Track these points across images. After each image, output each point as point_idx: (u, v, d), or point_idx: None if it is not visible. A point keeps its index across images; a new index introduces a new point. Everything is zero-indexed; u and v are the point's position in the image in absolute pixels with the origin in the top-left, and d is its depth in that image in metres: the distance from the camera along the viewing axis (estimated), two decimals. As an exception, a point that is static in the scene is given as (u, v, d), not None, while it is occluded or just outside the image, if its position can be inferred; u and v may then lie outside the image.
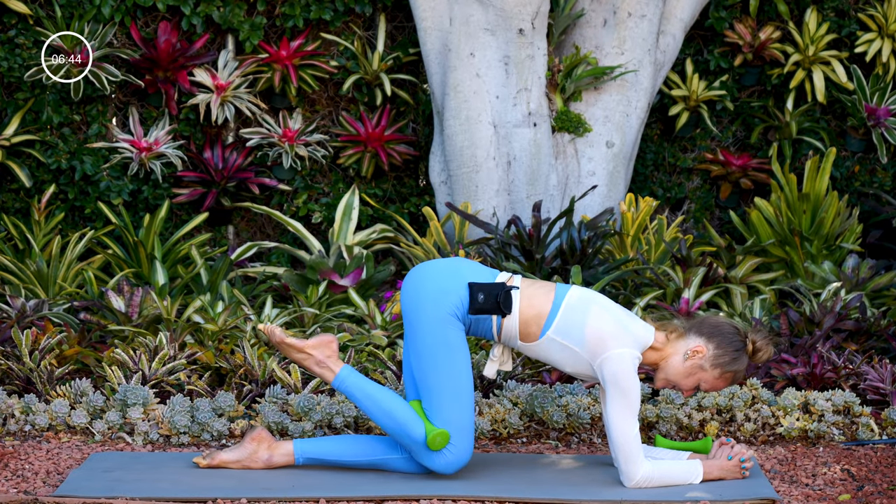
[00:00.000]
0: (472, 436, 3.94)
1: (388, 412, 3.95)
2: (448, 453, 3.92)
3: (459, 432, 3.91)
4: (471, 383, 3.93)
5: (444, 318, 3.90)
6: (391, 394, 3.98)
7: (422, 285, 3.95)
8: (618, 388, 3.84)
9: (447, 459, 3.93)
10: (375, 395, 3.98)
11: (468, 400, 3.92)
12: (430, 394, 3.92)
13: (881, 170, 6.74)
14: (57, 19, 6.30)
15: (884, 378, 4.76)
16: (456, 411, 3.90)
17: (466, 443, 3.92)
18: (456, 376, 3.90)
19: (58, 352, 4.96)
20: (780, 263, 6.13)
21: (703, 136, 6.78)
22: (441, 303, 3.90)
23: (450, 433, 3.90)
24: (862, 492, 3.93)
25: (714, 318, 4.02)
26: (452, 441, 3.91)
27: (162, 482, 3.90)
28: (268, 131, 6.47)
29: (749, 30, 6.66)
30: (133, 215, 6.42)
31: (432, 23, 6.20)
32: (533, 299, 3.94)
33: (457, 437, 3.91)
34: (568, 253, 5.80)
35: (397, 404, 3.95)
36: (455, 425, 3.91)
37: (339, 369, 4.02)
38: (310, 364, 4.04)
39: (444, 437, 3.89)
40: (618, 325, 3.90)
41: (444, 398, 3.90)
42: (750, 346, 3.98)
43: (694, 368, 3.96)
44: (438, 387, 3.90)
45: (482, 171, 6.13)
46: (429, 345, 3.90)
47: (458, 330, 3.92)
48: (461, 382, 3.91)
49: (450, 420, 3.90)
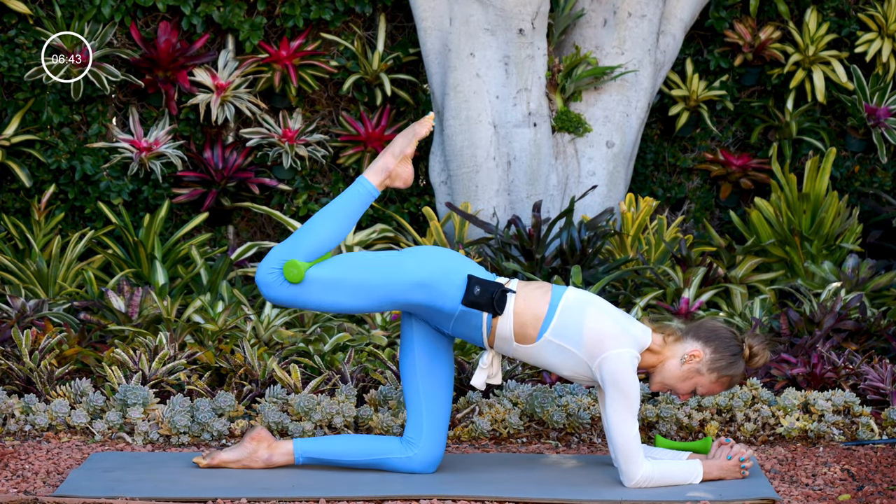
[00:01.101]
0: (294, 301, 3.93)
1: (323, 225, 3.95)
2: (276, 279, 3.90)
3: (303, 290, 3.90)
4: (348, 305, 3.91)
5: (420, 287, 3.89)
6: (344, 231, 3.98)
7: (429, 257, 3.94)
8: (617, 389, 3.84)
9: (270, 278, 3.89)
10: (344, 213, 3.99)
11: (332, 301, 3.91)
12: (339, 264, 3.93)
13: (881, 170, 6.74)
14: (57, 19, 6.30)
15: (884, 378, 4.76)
16: (323, 288, 3.91)
17: (288, 297, 3.91)
18: (359, 290, 3.90)
19: (58, 352, 4.96)
20: (780, 263, 6.13)
21: (703, 136, 6.78)
22: (433, 278, 3.89)
23: (301, 284, 3.89)
24: (862, 492, 3.93)
25: (711, 322, 4.01)
26: (292, 285, 3.89)
27: (162, 482, 3.90)
28: (268, 131, 6.47)
29: (749, 30, 6.66)
30: (133, 215, 6.42)
31: (432, 23, 6.20)
32: (529, 301, 3.93)
33: (297, 288, 3.90)
34: (568, 253, 5.80)
35: (334, 234, 3.96)
36: (308, 288, 3.89)
37: (375, 184, 4.02)
38: (385, 157, 4.05)
39: (297, 277, 3.88)
40: (616, 326, 3.89)
41: (336, 276, 3.91)
42: (747, 351, 3.97)
43: (691, 372, 3.95)
44: (347, 271, 3.91)
45: (482, 171, 6.13)
46: (389, 268, 3.91)
47: (411, 300, 3.91)
48: (352, 295, 3.90)
49: (314, 283, 3.90)
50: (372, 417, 4.48)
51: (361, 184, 4.03)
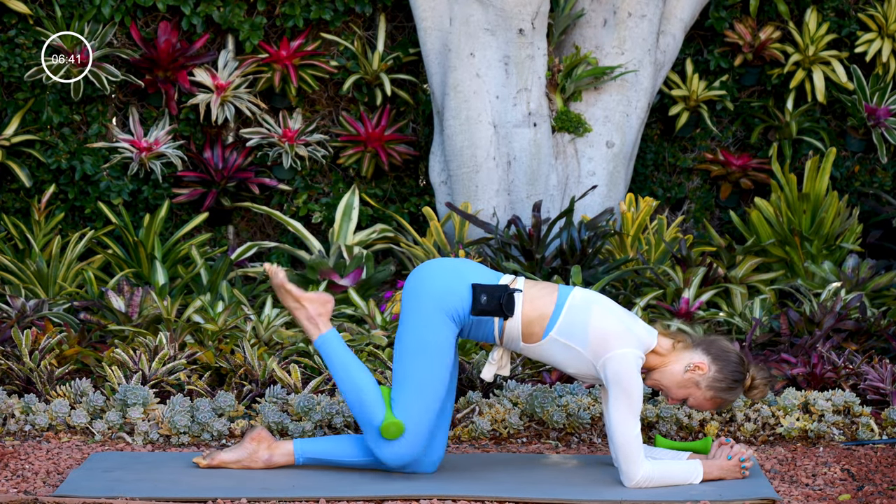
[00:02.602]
0: (425, 436, 3.93)
1: (358, 387, 3.95)
2: (398, 445, 3.91)
3: (415, 428, 3.91)
4: (443, 386, 3.92)
5: (441, 317, 3.90)
6: (366, 372, 3.98)
7: (425, 283, 3.95)
8: (620, 388, 3.85)
9: (395, 451, 3.93)
10: (351, 367, 3.98)
11: (434, 400, 3.92)
12: (400, 383, 3.92)
13: (881, 170, 6.74)
14: (57, 19, 6.30)
15: (884, 378, 4.76)
16: (419, 407, 3.90)
17: (418, 440, 3.92)
18: (431, 373, 3.90)
19: (58, 352, 4.96)
20: (780, 263, 6.13)
21: (703, 136, 6.78)
22: (442, 301, 3.90)
23: (405, 426, 3.90)
24: (862, 492, 3.93)
25: (725, 343, 4.03)
26: (406, 435, 3.91)
27: (162, 482, 3.90)
28: (268, 131, 6.47)
29: (749, 30, 6.66)
30: (133, 215, 6.42)
31: (432, 23, 6.20)
32: (535, 301, 3.94)
33: (411, 433, 3.91)
34: (568, 253, 5.80)
35: (368, 383, 3.95)
36: (413, 420, 3.90)
37: (326, 330, 4.02)
38: (300, 315, 4.03)
39: (399, 429, 3.89)
40: (621, 326, 3.90)
41: (412, 391, 3.90)
42: (749, 381, 4.01)
43: (689, 382, 3.97)
44: (411, 378, 3.91)
45: (482, 171, 6.13)
46: (417, 335, 3.90)
47: (451, 331, 3.92)
48: (434, 380, 3.91)
49: (410, 414, 3.90)
50: (372, 417, 4.48)
51: (320, 343, 4.02)
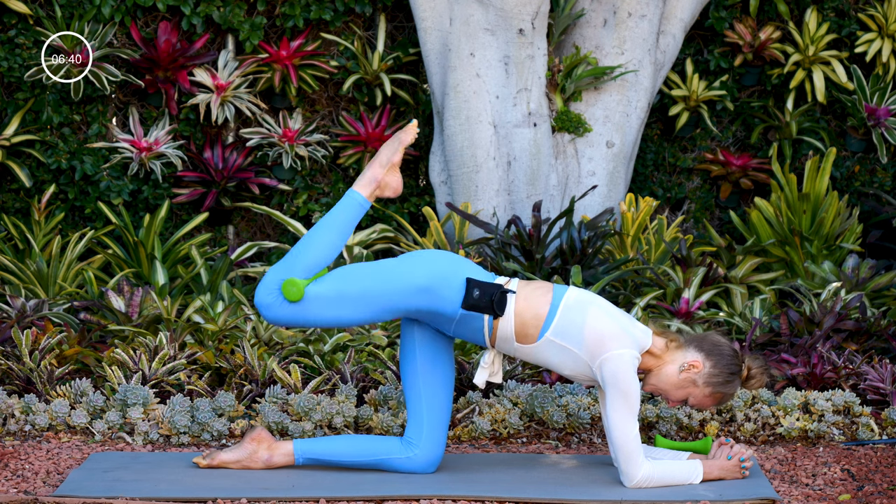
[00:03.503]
0: (297, 320, 3.92)
1: (314, 245, 3.95)
2: (276, 299, 3.88)
3: (301, 310, 3.90)
4: (350, 318, 3.91)
5: (419, 292, 3.89)
6: (339, 246, 3.97)
7: (423, 262, 3.94)
8: (617, 389, 3.84)
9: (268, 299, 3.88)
10: (337, 227, 3.98)
11: (334, 315, 3.91)
12: (337, 277, 3.92)
13: (881, 170, 6.74)
14: (57, 19, 6.30)
15: (884, 378, 4.76)
16: (324, 304, 3.90)
17: (290, 316, 3.90)
18: (361, 302, 3.89)
19: (58, 352, 4.96)
20: (780, 263, 6.13)
21: (703, 136, 6.78)
22: (431, 282, 3.89)
23: (302, 300, 3.88)
24: (862, 492, 3.93)
25: (716, 337, 4.02)
26: (294, 305, 3.88)
27: (162, 482, 3.90)
28: (268, 131, 6.47)
29: (749, 30, 6.66)
30: (133, 215, 6.42)
31: (432, 23, 6.20)
32: (530, 300, 3.93)
33: (294, 308, 3.89)
34: (568, 253, 5.80)
35: (324, 252, 3.95)
36: (308, 305, 3.88)
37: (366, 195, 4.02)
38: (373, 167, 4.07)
39: (296, 296, 3.87)
40: (617, 326, 3.89)
41: (335, 287, 3.90)
42: (745, 372, 4.00)
43: (686, 382, 3.96)
44: (346, 284, 3.90)
45: (482, 171, 6.13)
46: (388, 276, 3.90)
47: (411, 306, 3.91)
48: (353, 308, 3.90)
49: (316, 297, 3.88)
50: (372, 417, 4.48)
51: (352, 196, 4.02)
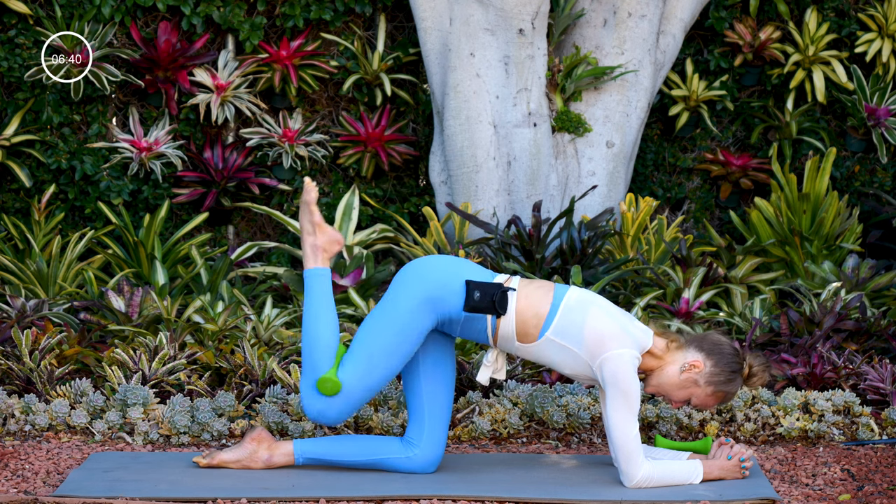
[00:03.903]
0: (354, 408, 3.93)
1: (318, 333, 3.95)
2: (326, 403, 3.91)
3: (349, 396, 3.90)
4: (393, 370, 3.92)
5: (424, 305, 3.90)
6: (334, 325, 3.97)
7: (421, 273, 3.94)
8: (617, 389, 3.84)
9: (319, 408, 3.92)
10: (323, 311, 3.96)
11: (379, 379, 3.91)
12: (356, 348, 3.91)
13: (881, 170, 6.74)
14: (57, 19, 6.30)
15: (884, 378, 4.76)
16: (363, 379, 3.90)
17: (346, 408, 3.92)
18: (388, 351, 3.89)
19: (58, 352, 4.96)
20: (780, 263, 6.13)
21: (703, 136, 6.78)
22: (432, 291, 3.89)
23: (341, 390, 3.89)
24: (862, 492, 3.93)
25: (716, 336, 4.02)
26: (337, 398, 3.90)
27: (162, 482, 3.90)
28: (268, 131, 6.47)
29: (749, 30, 6.66)
30: (133, 215, 6.42)
31: (432, 23, 6.20)
32: (531, 299, 3.94)
33: (342, 399, 3.90)
34: (568, 253, 5.80)
35: (329, 335, 3.95)
36: (352, 389, 3.90)
37: (321, 265, 4.02)
38: (308, 241, 4.04)
39: (334, 389, 3.88)
40: (617, 326, 3.90)
41: (363, 361, 3.90)
42: (746, 370, 4.00)
43: (688, 382, 3.97)
44: (368, 348, 3.90)
45: (482, 171, 6.13)
46: (393, 313, 3.89)
47: (427, 321, 3.91)
48: (388, 360, 3.90)
49: (351, 381, 3.89)
50: (372, 417, 4.48)
51: (309, 274, 4.04)
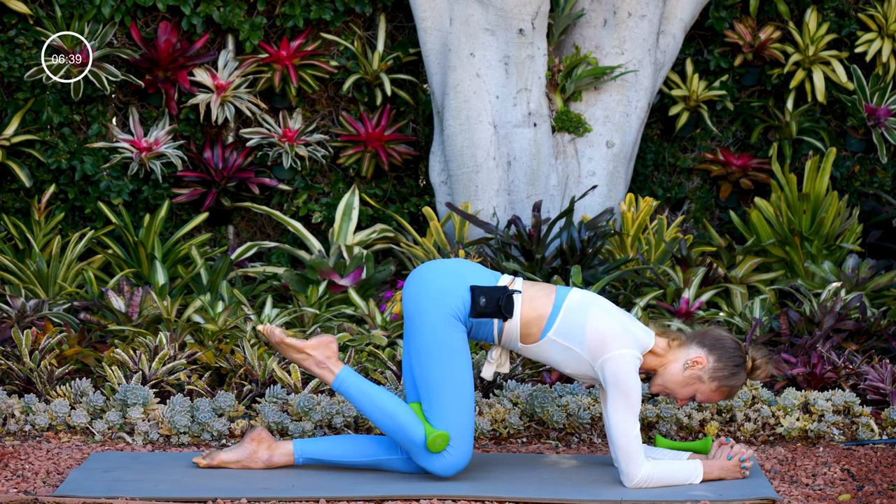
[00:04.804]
0: (471, 438, 3.93)
1: (388, 413, 3.94)
2: (447, 455, 3.91)
3: (459, 435, 3.91)
4: (471, 386, 3.93)
5: (446, 320, 3.90)
6: (390, 395, 3.97)
7: (424, 286, 3.95)
8: (619, 389, 3.84)
9: (446, 462, 3.92)
10: (375, 396, 3.97)
11: (469, 402, 3.92)
12: (430, 395, 3.91)
13: (881, 170, 6.74)
14: (57, 19, 6.30)
15: (884, 378, 4.76)
16: (456, 413, 3.90)
17: (466, 445, 3.92)
18: (457, 378, 3.90)
19: (58, 352, 4.96)
20: (780, 263, 6.13)
21: (703, 136, 6.78)
22: (443, 304, 3.90)
23: (450, 435, 3.90)
24: (862, 492, 3.93)
25: (717, 331, 4.02)
26: (452, 443, 3.91)
27: (162, 482, 3.90)
28: (268, 131, 6.47)
29: (749, 30, 6.66)
30: (133, 215, 6.42)
31: (432, 23, 6.20)
32: (534, 301, 3.94)
33: (456, 440, 3.91)
34: (568, 253, 5.80)
35: (397, 406, 3.95)
36: (455, 428, 3.90)
37: (338, 370, 4.01)
38: (309, 365, 4.03)
39: (444, 440, 3.89)
40: (619, 326, 3.90)
41: (444, 400, 3.90)
42: (749, 363, 3.99)
43: (692, 379, 3.97)
44: (439, 388, 3.90)
45: (482, 171, 6.13)
46: (430, 345, 3.90)
47: (460, 332, 3.92)
48: (462, 385, 3.91)
49: (450, 422, 3.90)
50: (372, 417, 4.48)
51: (338, 383, 4.01)
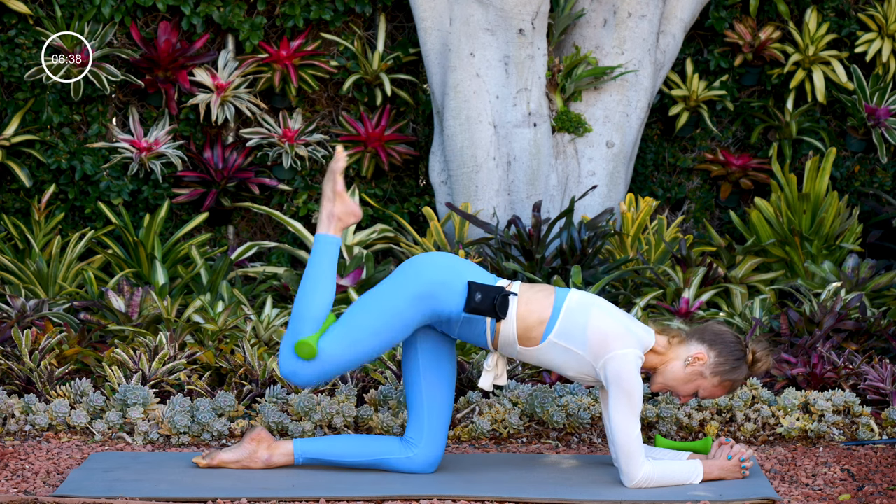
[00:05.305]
0: (324, 379, 3.93)
1: (310, 298, 3.95)
2: (297, 364, 3.91)
3: (323, 365, 3.91)
4: (373, 353, 3.92)
5: (421, 299, 3.89)
6: (329, 294, 3.97)
7: (423, 268, 3.94)
8: (620, 389, 3.84)
9: (291, 366, 3.92)
10: (322, 279, 3.97)
11: (358, 358, 3.91)
12: (342, 322, 3.92)
13: (881, 170, 6.74)
14: (57, 19, 6.30)
15: (884, 378, 4.76)
16: (341, 355, 3.90)
17: (316, 375, 3.92)
18: (372, 333, 3.89)
19: (58, 352, 4.96)
20: (780, 263, 6.13)
21: (703, 136, 6.78)
22: (432, 288, 3.88)
23: (317, 358, 3.89)
24: (862, 492, 3.93)
25: (717, 326, 4.02)
26: (311, 364, 3.90)
27: (162, 482, 3.90)
28: (268, 131, 6.47)
29: (749, 30, 6.66)
30: (133, 215, 6.42)
31: (432, 23, 6.20)
32: (532, 304, 3.93)
33: (316, 367, 3.90)
34: (568, 253, 5.80)
35: (322, 302, 3.95)
36: (328, 359, 3.90)
37: (333, 234, 4.02)
38: (327, 207, 4.03)
39: (310, 354, 3.88)
40: (620, 326, 3.89)
41: (346, 336, 3.90)
42: (750, 356, 3.98)
43: (693, 375, 3.96)
44: (353, 325, 3.90)
45: (482, 171, 6.13)
46: (387, 298, 3.90)
47: (419, 314, 3.90)
48: (369, 343, 3.90)
49: (329, 352, 3.89)
50: (372, 417, 4.48)
51: (319, 240, 4.04)
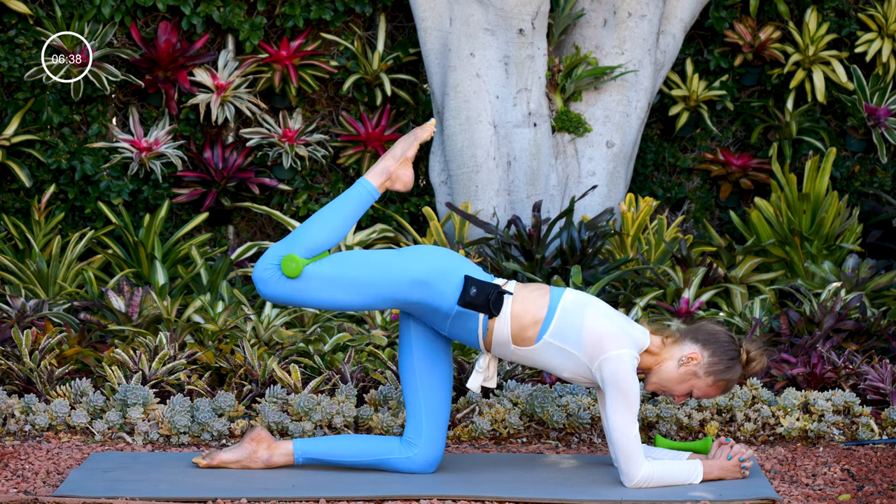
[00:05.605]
0: (292, 298, 3.92)
1: (319, 227, 3.94)
2: (276, 281, 3.89)
3: (298, 288, 3.90)
4: (346, 302, 3.91)
5: (416, 286, 3.88)
6: (342, 232, 3.97)
7: (423, 256, 3.94)
8: (617, 389, 3.84)
9: (268, 274, 3.90)
10: (343, 214, 3.97)
11: (330, 296, 3.90)
12: (339, 259, 3.92)
13: (881, 170, 6.74)
14: (57, 19, 6.30)
15: (884, 378, 4.76)
16: (320, 284, 3.89)
17: (286, 293, 3.89)
18: (357, 285, 3.88)
19: (58, 352, 4.96)
20: (780, 263, 6.13)
21: (703, 136, 6.79)
22: (429, 275, 3.88)
23: (299, 278, 3.88)
24: (862, 492, 3.93)
25: (710, 325, 4.01)
26: (291, 283, 3.88)
27: (162, 482, 3.90)
28: (268, 131, 6.47)
29: (749, 30, 6.66)
30: (133, 215, 6.42)
31: (432, 23, 6.21)
32: (527, 303, 3.92)
33: (293, 284, 3.89)
34: (568, 253, 5.80)
35: (329, 235, 3.94)
36: (307, 282, 3.88)
37: (376, 185, 4.02)
38: (386, 158, 4.03)
39: (295, 272, 3.88)
40: (615, 327, 3.89)
41: (334, 271, 3.90)
42: (744, 356, 3.98)
43: (687, 375, 3.96)
44: (346, 267, 3.90)
45: (482, 171, 6.13)
46: (389, 265, 3.90)
47: (407, 296, 3.90)
48: (350, 290, 3.89)
49: (313, 276, 3.88)
50: (372, 417, 4.48)
51: (362, 185, 4.03)
